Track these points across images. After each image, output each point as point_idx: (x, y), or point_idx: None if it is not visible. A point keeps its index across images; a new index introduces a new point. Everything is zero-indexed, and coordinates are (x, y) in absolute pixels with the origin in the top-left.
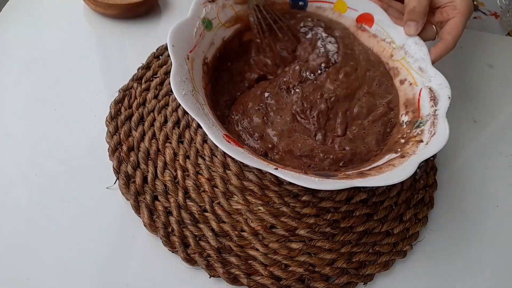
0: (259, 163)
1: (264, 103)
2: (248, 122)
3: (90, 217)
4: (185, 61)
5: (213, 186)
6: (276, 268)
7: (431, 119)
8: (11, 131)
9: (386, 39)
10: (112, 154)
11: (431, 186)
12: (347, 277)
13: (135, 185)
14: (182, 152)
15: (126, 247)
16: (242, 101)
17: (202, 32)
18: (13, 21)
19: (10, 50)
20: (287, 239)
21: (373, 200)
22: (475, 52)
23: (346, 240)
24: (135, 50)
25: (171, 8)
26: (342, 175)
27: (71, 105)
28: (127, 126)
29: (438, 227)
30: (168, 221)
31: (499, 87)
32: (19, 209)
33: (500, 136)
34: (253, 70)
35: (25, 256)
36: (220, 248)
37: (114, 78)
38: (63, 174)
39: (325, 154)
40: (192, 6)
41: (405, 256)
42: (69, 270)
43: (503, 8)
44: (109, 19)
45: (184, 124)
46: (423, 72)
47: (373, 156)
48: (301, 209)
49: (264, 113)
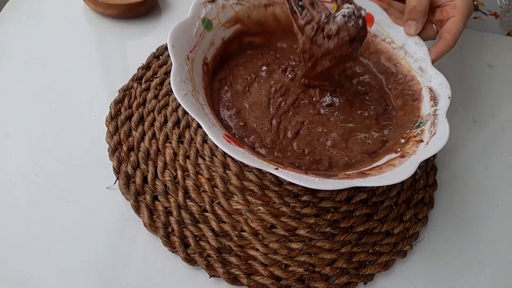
0: (259, 163)
1: (256, 75)
2: (230, 89)
3: (90, 217)
4: (185, 61)
5: (213, 186)
6: (276, 268)
7: (431, 119)
8: (11, 131)
9: (386, 39)
10: (112, 154)
11: (431, 186)
12: (347, 277)
13: (135, 185)
14: (182, 152)
15: (126, 247)
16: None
17: (202, 32)
18: (13, 21)
19: (10, 50)
20: (287, 239)
21: (373, 200)
22: (475, 52)
23: (346, 240)
24: (135, 50)
25: (171, 8)
26: (342, 175)
27: (71, 105)
28: (127, 126)
29: (438, 227)
30: (168, 221)
31: (499, 87)
32: (19, 209)
33: (500, 136)
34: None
35: (25, 256)
36: (220, 248)
37: (114, 78)
38: (63, 174)
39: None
40: (192, 6)
41: (405, 256)
42: (69, 270)
43: (503, 8)
44: (109, 19)
45: (184, 124)
46: (423, 72)
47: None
48: (301, 209)
49: (249, 84)
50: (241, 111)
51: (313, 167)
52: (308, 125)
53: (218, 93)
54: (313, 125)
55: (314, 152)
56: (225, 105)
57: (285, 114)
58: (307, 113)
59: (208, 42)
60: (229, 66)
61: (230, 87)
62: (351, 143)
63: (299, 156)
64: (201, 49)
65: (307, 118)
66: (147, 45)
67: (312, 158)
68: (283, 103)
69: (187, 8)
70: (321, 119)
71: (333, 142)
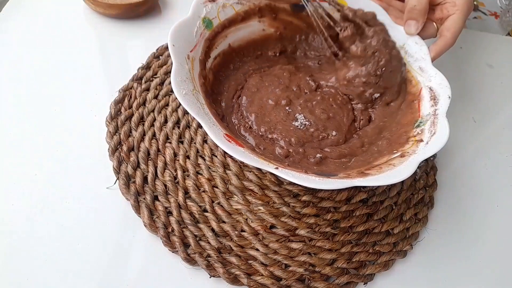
0: (259, 163)
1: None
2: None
3: (90, 217)
4: (186, 60)
5: (213, 186)
6: (276, 268)
7: (431, 119)
8: (11, 131)
9: None
10: (112, 154)
11: (431, 186)
12: (347, 277)
13: (135, 185)
14: (182, 152)
15: (126, 247)
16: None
17: (202, 31)
18: (13, 21)
19: (10, 50)
20: (287, 239)
21: (373, 200)
22: (475, 52)
23: (346, 240)
24: (135, 50)
25: (171, 8)
26: (343, 175)
27: (71, 105)
28: (127, 126)
29: (438, 227)
30: (168, 221)
31: (499, 87)
32: (19, 209)
33: (500, 136)
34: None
35: (25, 256)
36: (220, 248)
37: (114, 78)
38: (63, 174)
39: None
40: (192, 5)
41: (405, 256)
42: (69, 270)
43: (503, 8)
44: (109, 19)
45: (184, 124)
46: (423, 71)
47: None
48: (301, 209)
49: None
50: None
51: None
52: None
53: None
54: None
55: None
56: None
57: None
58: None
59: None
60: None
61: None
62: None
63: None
64: (201, 48)
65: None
66: (147, 45)
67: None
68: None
69: (187, 8)
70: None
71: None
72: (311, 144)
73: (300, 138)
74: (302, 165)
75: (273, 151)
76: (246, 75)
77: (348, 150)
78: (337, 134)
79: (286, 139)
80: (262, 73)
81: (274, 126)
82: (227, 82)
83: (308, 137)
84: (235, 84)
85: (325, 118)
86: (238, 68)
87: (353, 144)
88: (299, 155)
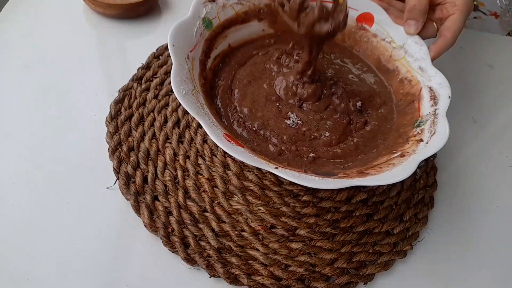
0: (259, 162)
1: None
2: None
3: (90, 217)
4: (186, 60)
5: (213, 186)
6: (276, 268)
7: (431, 118)
8: (11, 131)
9: (386, 38)
10: (112, 154)
11: (431, 186)
12: (347, 277)
13: (135, 185)
14: (182, 152)
15: (126, 247)
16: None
17: (202, 31)
18: (13, 21)
19: (10, 50)
20: (287, 239)
21: (373, 200)
22: (475, 52)
23: (346, 240)
24: (135, 50)
25: (171, 8)
26: (342, 175)
27: (71, 105)
28: (127, 126)
29: (438, 227)
30: (168, 221)
31: (499, 87)
32: (19, 209)
33: (500, 136)
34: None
35: (25, 256)
36: (220, 248)
37: (114, 78)
38: (63, 174)
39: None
40: (192, 6)
41: (405, 256)
42: (69, 270)
43: (503, 8)
44: (109, 19)
45: (184, 124)
46: (423, 71)
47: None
48: (301, 209)
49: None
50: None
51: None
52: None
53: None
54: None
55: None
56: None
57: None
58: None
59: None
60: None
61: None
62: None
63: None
64: (201, 48)
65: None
66: (147, 45)
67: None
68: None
69: (187, 8)
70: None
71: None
72: (302, 143)
73: (292, 136)
74: (296, 163)
75: (267, 148)
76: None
77: (341, 152)
78: (330, 135)
79: (278, 136)
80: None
81: (267, 122)
82: (222, 74)
83: (300, 136)
84: (228, 74)
85: (318, 119)
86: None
87: (346, 146)
88: (291, 153)
